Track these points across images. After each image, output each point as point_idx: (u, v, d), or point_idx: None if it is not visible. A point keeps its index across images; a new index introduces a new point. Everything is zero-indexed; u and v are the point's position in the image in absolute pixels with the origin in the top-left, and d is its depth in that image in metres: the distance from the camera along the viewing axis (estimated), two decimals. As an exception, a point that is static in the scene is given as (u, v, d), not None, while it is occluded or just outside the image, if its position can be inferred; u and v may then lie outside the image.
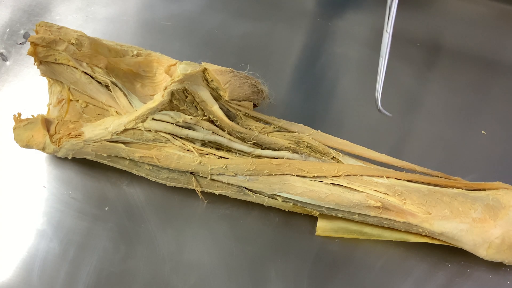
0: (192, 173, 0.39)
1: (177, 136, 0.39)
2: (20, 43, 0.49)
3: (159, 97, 0.38)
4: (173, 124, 0.39)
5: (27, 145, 0.39)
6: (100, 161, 0.40)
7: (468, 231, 0.36)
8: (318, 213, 0.39)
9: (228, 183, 0.39)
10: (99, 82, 0.40)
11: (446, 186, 0.39)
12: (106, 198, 0.41)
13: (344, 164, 0.40)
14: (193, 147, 0.39)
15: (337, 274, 0.39)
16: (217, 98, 0.39)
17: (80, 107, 0.41)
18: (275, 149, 0.40)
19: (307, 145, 0.40)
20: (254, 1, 0.52)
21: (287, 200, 0.39)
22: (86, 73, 0.39)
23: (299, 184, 0.38)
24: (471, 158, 0.44)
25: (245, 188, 0.39)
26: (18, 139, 0.39)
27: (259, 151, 0.40)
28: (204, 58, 0.43)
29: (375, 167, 0.40)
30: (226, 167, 0.38)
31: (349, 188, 0.38)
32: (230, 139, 0.40)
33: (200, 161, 0.38)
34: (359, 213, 0.38)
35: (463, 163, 0.44)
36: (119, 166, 0.40)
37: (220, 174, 0.38)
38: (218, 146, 0.40)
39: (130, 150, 0.38)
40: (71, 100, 0.41)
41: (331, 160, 0.40)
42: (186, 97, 0.39)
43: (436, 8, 0.53)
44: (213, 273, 0.39)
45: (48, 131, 0.39)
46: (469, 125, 0.46)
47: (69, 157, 0.39)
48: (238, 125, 0.40)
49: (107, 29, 0.50)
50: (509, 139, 0.46)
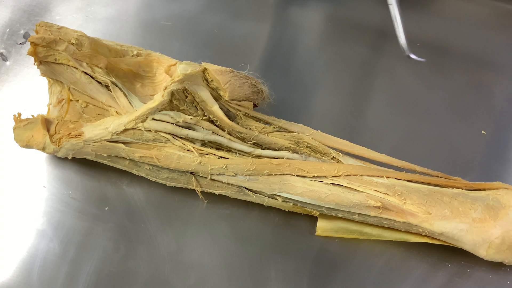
0: (192, 173, 0.39)
1: (177, 136, 0.39)
2: (20, 43, 0.49)
3: (159, 97, 0.38)
4: (173, 124, 0.39)
5: (27, 145, 0.39)
6: (100, 161, 0.40)
7: (468, 231, 0.36)
8: (318, 213, 0.39)
9: (228, 183, 0.39)
10: (99, 82, 0.40)
11: (446, 186, 0.39)
12: (106, 198, 0.41)
13: (344, 164, 0.40)
14: (193, 147, 0.39)
15: (337, 274, 0.39)
16: (217, 98, 0.39)
17: (80, 107, 0.41)
18: (275, 149, 0.40)
19: (307, 145, 0.40)
20: (254, 1, 0.52)
21: (287, 200, 0.39)
22: (86, 73, 0.39)
23: (299, 184, 0.38)
24: (471, 158, 0.44)
25: (245, 188, 0.39)
26: (18, 139, 0.39)
27: (259, 151, 0.40)
28: (204, 58, 0.43)
29: (375, 167, 0.40)
30: (226, 167, 0.38)
31: (349, 188, 0.38)
32: (230, 139, 0.40)
33: (200, 161, 0.38)
34: (359, 213, 0.38)
35: (463, 163, 0.44)
36: (119, 166, 0.40)
37: (220, 174, 0.38)
38: (218, 146, 0.40)
39: (130, 150, 0.38)
40: (71, 100, 0.41)
41: (331, 160, 0.40)
42: (186, 97, 0.39)
43: (436, 8, 0.53)
44: (213, 273, 0.39)
45: (48, 131, 0.39)
46: (469, 125, 0.46)
47: (69, 157, 0.39)
48: (238, 125, 0.40)
49: (107, 29, 0.50)
50: (509, 139, 0.46)
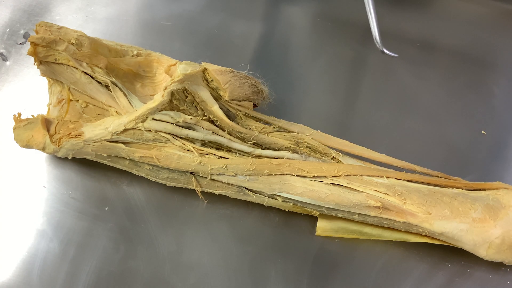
0: (192, 173, 0.39)
1: (177, 136, 0.39)
2: (20, 43, 0.49)
3: (159, 97, 0.38)
4: (173, 124, 0.39)
5: (27, 145, 0.39)
6: (100, 161, 0.40)
7: (468, 231, 0.36)
8: (318, 213, 0.39)
9: (228, 183, 0.39)
10: (99, 82, 0.40)
11: (446, 186, 0.39)
12: (106, 198, 0.41)
13: (344, 164, 0.40)
14: (193, 147, 0.39)
15: (337, 274, 0.39)
16: (217, 98, 0.39)
17: (80, 107, 0.41)
18: (275, 149, 0.40)
19: (307, 145, 0.40)
20: (254, 1, 0.52)
21: (287, 200, 0.39)
22: (86, 73, 0.39)
23: (299, 184, 0.38)
24: (471, 158, 0.44)
25: (245, 188, 0.39)
26: (18, 139, 0.39)
27: (259, 151, 0.40)
28: (204, 58, 0.43)
29: (375, 167, 0.40)
30: (226, 167, 0.38)
31: (349, 188, 0.38)
32: (230, 139, 0.40)
33: (200, 161, 0.38)
34: (359, 213, 0.38)
35: (463, 163, 0.44)
36: (119, 166, 0.40)
37: (220, 174, 0.38)
38: (218, 146, 0.40)
39: (130, 150, 0.38)
40: (71, 100, 0.41)
41: (331, 160, 0.40)
42: (186, 97, 0.39)
43: (435, 8, 0.53)
44: (213, 273, 0.39)
45: (48, 131, 0.39)
46: (469, 125, 0.46)
47: (69, 157, 0.39)
48: (238, 125, 0.40)
49: (107, 29, 0.50)
50: (509, 139, 0.46)
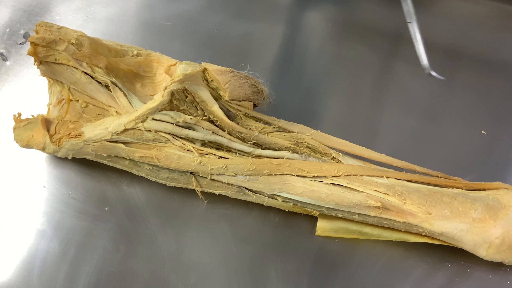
0: (192, 173, 0.39)
1: (177, 136, 0.39)
2: (20, 43, 0.49)
3: (159, 97, 0.38)
4: (173, 124, 0.39)
5: (27, 145, 0.39)
6: (100, 161, 0.40)
7: (468, 231, 0.36)
8: (318, 213, 0.39)
9: (228, 183, 0.39)
10: (99, 82, 0.40)
11: (446, 186, 0.39)
12: (106, 198, 0.41)
13: (344, 164, 0.40)
14: (193, 147, 0.39)
15: (337, 274, 0.39)
16: (217, 98, 0.39)
17: (80, 107, 0.41)
18: (275, 149, 0.40)
19: (307, 145, 0.40)
20: (254, 1, 0.52)
21: (287, 200, 0.39)
22: (86, 73, 0.39)
23: (299, 184, 0.38)
24: (471, 158, 0.44)
25: (245, 188, 0.39)
26: (18, 139, 0.39)
27: (259, 151, 0.40)
28: (204, 58, 0.43)
29: (375, 167, 0.40)
30: (226, 167, 0.38)
31: (349, 188, 0.38)
32: (230, 139, 0.40)
33: (200, 161, 0.38)
34: (359, 213, 0.38)
35: (463, 163, 0.44)
36: (119, 166, 0.40)
37: (220, 174, 0.38)
38: (218, 146, 0.40)
39: (130, 150, 0.38)
40: (71, 100, 0.41)
41: (331, 160, 0.40)
42: (186, 97, 0.39)
43: (436, 8, 0.53)
44: (213, 273, 0.39)
45: (48, 131, 0.39)
46: (469, 125, 0.46)
47: (69, 157, 0.39)
48: (238, 125, 0.40)
49: (107, 29, 0.50)
50: (509, 139, 0.46)
